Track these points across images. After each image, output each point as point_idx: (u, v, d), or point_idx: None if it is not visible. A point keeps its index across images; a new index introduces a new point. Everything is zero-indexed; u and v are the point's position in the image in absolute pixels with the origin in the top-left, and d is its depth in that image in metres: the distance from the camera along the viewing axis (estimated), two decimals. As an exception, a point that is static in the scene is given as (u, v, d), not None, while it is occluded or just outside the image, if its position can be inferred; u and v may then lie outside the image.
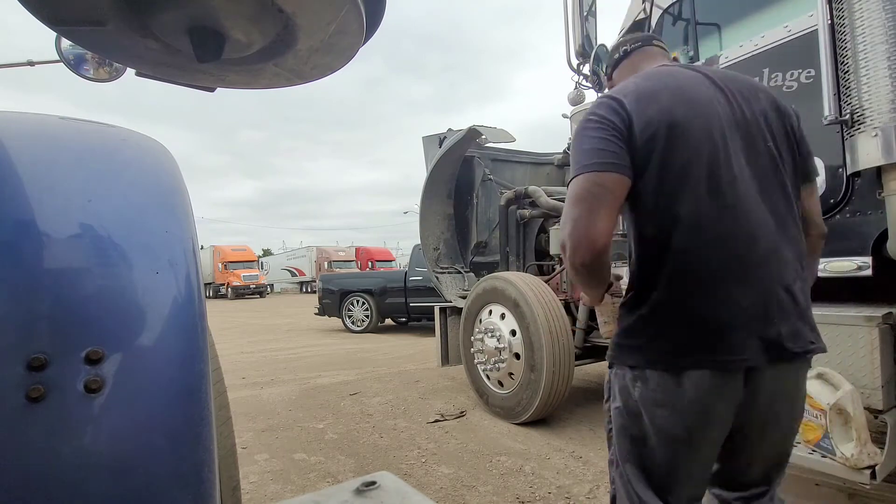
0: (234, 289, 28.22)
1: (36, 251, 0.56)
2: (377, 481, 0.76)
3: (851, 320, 1.85)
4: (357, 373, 5.73)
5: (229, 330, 11.23)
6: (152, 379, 0.59)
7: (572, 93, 2.95)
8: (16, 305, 0.53)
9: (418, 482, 2.67)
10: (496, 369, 3.69)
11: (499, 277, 3.82)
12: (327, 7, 0.84)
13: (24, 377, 0.52)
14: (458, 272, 5.20)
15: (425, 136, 5.33)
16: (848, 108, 1.87)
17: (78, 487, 0.54)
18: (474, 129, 4.37)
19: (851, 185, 2.01)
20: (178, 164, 0.77)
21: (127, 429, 0.57)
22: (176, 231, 0.67)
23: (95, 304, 0.58)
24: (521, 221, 4.52)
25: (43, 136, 0.67)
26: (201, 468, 0.62)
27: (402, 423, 3.71)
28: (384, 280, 9.70)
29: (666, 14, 2.82)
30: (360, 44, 0.97)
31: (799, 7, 2.18)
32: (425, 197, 5.12)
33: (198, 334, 0.64)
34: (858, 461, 1.56)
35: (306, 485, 2.70)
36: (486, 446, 3.17)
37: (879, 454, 1.74)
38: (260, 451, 3.24)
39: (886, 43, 1.71)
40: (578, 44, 2.58)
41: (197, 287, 0.66)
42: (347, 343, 8.39)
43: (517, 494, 2.48)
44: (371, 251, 34.42)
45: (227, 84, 1.11)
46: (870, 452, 1.57)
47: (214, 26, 0.85)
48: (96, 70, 1.80)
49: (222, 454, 0.82)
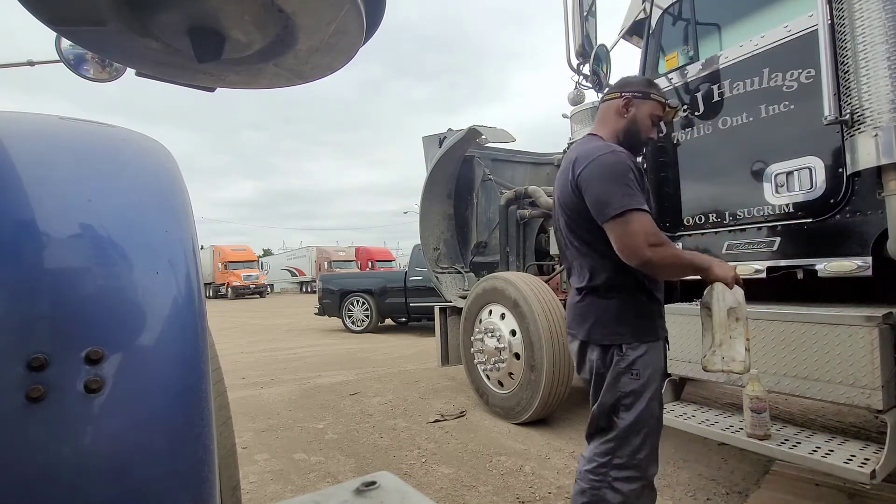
0: (234, 289, 28.22)
1: (36, 251, 0.56)
2: (377, 481, 0.76)
3: (851, 320, 1.85)
4: (357, 373, 5.73)
5: (229, 330, 11.24)
6: (152, 379, 0.59)
7: (572, 93, 2.95)
8: (16, 305, 0.53)
9: (418, 482, 2.67)
10: (496, 369, 3.69)
11: (499, 277, 3.81)
12: (327, 7, 0.84)
13: (24, 377, 0.52)
14: (458, 272, 5.20)
15: (425, 136, 5.32)
16: (848, 108, 1.87)
17: (78, 487, 0.54)
18: (474, 129, 4.37)
19: (851, 185, 2.01)
20: (178, 164, 0.77)
21: (127, 429, 0.57)
22: (176, 231, 0.67)
23: (95, 304, 0.58)
24: (521, 221, 4.52)
25: (43, 136, 0.67)
26: (201, 468, 0.62)
27: (402, 423, 3.71)
28: (384, 280, 9.70)
29: (666, 14, 2.82)
30: (360, 44, 0.97)
31: (799, 7, 2.18)
32: (425, 197, 5.12)
33: (198, 334, 0.64)
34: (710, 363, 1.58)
35: (306, 485, 2.70)
36: (486, 446, 3.17)
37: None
38: (260, 451, 3.24)
39: (886, 43, 1.71)
40: (578, 44, 2.58)
41: (197, 287, 0.66)
42: (347, 343, 8.39)
43: (517, 494, 2.48)
44: (371, 251, 34.43)
45: (227, 84, 1.10)
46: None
47: (214, 26, 0.85)
48: (96, 70, 1.80)
49: (222, 454, 0.82)
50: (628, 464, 1.55)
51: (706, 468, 2.68)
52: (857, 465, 1.75)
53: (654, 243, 1.45)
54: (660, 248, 1.46)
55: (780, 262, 2.21)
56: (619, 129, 1.70)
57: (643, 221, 1.46)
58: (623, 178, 1.50)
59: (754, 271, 2.25)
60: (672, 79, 2.71)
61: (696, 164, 2.64)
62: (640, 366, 1.55)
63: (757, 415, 2.03)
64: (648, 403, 1.56)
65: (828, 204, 2.09)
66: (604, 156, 1.54)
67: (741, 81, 2.37)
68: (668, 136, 2.73)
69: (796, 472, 2.43)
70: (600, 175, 1.52)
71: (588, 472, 1.61)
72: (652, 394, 1.57)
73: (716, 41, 2.66)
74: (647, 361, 1.56)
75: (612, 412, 1.59)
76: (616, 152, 1.55)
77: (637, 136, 1.70)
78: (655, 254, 1.45)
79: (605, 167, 1.52)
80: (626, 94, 1.69)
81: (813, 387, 1.96)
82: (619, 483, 1.55)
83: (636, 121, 1.69)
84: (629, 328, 1.58)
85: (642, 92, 1.69)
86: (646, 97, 1.69)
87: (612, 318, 1.59)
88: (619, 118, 1.70)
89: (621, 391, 1.56)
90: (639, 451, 1.56)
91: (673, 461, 2.77)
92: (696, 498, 2.37)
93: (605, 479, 1.56)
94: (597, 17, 2.71)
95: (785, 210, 2.22)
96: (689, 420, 2.36)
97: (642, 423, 1.55)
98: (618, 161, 1.52)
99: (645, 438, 1.56)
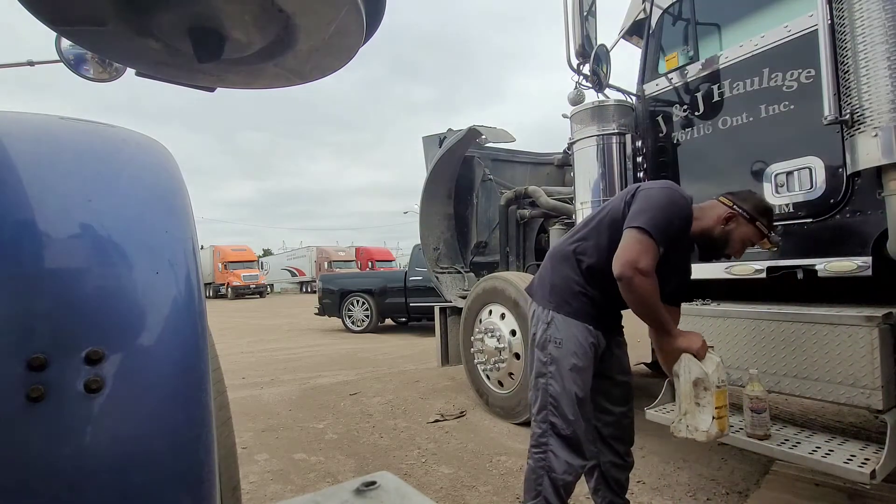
0: (234, 289, 28.21)
1: (36, 251, 0.56)
2: (377, 481, 0.76)
3: (851, 320, 1.85)
4: (357, 373, 5.73)
5: (229, 330, 11.23)
6: (152, 379, 0.59)
7: (572, 93, 2.94)
8: (16, 305, 0.53)
9: (418, 482, 2.67)
10: (496, 369, 3.69)
11: (499, 277, 3.81)
12: (327, 7, 0.84)
13: (24, 377, 0.52)
14: (458, 272, 5.19)
15: (425, 136, 5.32)
16: (848, 108, 1.87)
17: (78, 487, 0.54)
18: (474, 129, 4.37)
19: (851, 185, 2.01)
20: (178, 164, 0.77)
21: (127, 429, 0.57)
22: (176, 231, 0.67)
23: (95, 304, 0.58)
24: (521, 221, 4.52)
25: (43, 136, 0.67)
26: (201, 468, 0.62)
27: (402, 423, 3.71)
28: (384, 280, 9.70)
29: (666, 14, 2.82)
30: (360, 44, 0.97)
31: (799, 7, 2.18)
32: (425, 197, 5.12)
33: (198, 334, 0.64)
34: None
35: (306, 485, 2.70)
36: (486, 446, 3.17)
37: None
38: (260, 451, 3.24)
39: (886, 43, 1.71)
40: (578, 44, 2.57)
41: (197, 287, 0.66)
42: (347, 343, 8.39)
43: (517, 494, 2.48)
44: (371, 251, 34.41)
45: (227, 84, 1.10)
46: None
47: (214, 26, 0.85)
48: (96, 70, 1.79)
49: (222, 454, 0.82)
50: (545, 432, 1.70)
51: (706, 468, 2.68)
52: (857, 465, 1.75)
53: (643, 270, 1.50)
54: (644, 278, 1.50)
55: (780, 262, 2.21)
56: (708, 232, 1.72)
57: (650, 249, 1.52)
58: (669, 216, 1.58)
59: (754, 271, 2.25)
60: (672, 79, 2.71)
61: (696, 164, 2.64)
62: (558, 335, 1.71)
63: (757, 415, 2.03)
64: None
65: (828, 204, 2.09)
66: (675, 193, 1.65)
67: (741, 81, 2.37)
68: (669, 136, 2.73)
69: (796, 472, 2.43)
70: (659, 199, 1.61)
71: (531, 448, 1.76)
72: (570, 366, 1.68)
73: (716, 41, 2.65)
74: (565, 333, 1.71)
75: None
76: (683, 198, 1.64)
77: (720, 250, 1.73)
78: (636, 276, 1.50)
79: (669, 200, 1.61)
80: (735, 210, 1.70)
81: (813, 387, 1.96)
82: (535, 454, 1.73)
83: (729, 238, 1.70)
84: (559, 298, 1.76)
85: (750, 215, 1.69)
86: (751, 222, 1.69)
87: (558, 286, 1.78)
88: (717, 225, 1.71)
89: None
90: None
91: (673, 461, 2.77)
92: (696, 498, 2.37)
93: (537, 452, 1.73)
94: (597, 17, 2.71)
95: (785, 210, 2.22)
96: (689, 420, 2.36)
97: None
98: (681, 207, 1.62)
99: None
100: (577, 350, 1.68)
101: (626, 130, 2.92)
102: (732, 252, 1.72)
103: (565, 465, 1.66)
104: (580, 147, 3.04)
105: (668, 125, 2.75)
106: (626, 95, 2.97)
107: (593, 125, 2.96)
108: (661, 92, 2.80)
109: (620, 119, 2.93)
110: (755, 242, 1.72)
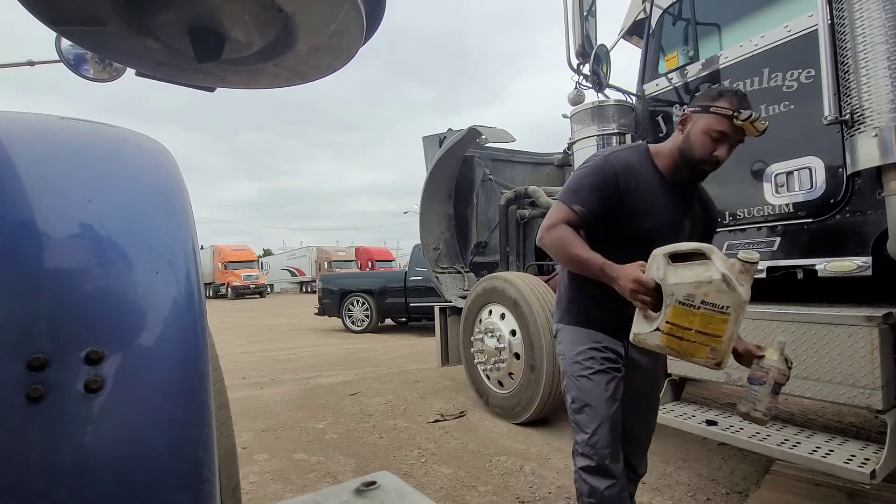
0: (234, 289, 28.21)
1: (36, 251, 0.56)
2: (377, 481, 0.76)
3: (851, 320, 1.85)
4: (357, 373, 5.73)
5: (229, 330, 11.24)
6: (152, 379, 0.59)
7: (572, 93, 2.95)
8: (16, 305, 0.53)
9: (418, 482, 2.67)
10: (496, 369, 3.69)
11: (498, 277, 3.81)
12: (327, 7, 0.84)
13: (24, 377, 0.52)
14: (458, 272, 5.20)
15: (425, 137, 5.32)
16: (848, 108, 1.87)
17: (78, 487, 0.54)
18: (474, 129, 4.37)
19: (851, 185, 2.01)
20: (178, 164, 0.77)
21: (127, 429, 0.57)
22: (176, 231, 0.67)
23: (95, 304, 0.58)
24: (521, 221, 4.52)
25: (43, 136, 0.67)
26: (201, 468, 0.62)
27: (402, 423, 3.71)
28: (384, 280, 9.70)
29: (666, 14, 2.82)
30: (360, 44, 0.97)
31: (799, 7, 2.18)
32: (425, 197, 5.12)
33: (198, 334, 0.64)
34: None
35: (306, 485, 2.70)
36: (486, 446, 3.17)
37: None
38: (260, 451, 3.24)
39: (886, 43, 1.71)
40: (578, 44, 2.58)
41: (197, 287, 0.66)
42: (347, 343, 8.39)
43: (517, 494, 2.48)
44: (371, 251, 34.40)
45: (227, 84, 1.10)
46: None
47: (214, 26, 0.85)
48: (96, 70, 1.79)
49: (222, 454, 0.82)
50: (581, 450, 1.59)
51: (706, 468, 2.68)
52: (857, 465, 1.75)
53: (547, 226, 1.55)
54: (548, 231, 1.55)
55: (781, 262, 2.21)
56: (674, 148, 1.57)
57: (557, 209, 1.57)
58: (578, 176, 1.59)
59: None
60: (672, 79, 2.71)
61: (696, 164, 2.64)
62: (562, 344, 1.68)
63: (750, 385, 1.51)
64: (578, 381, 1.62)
65: (828, 204, 2.09)
66: (593, 157, 1.64)
67: (741, 81, 2.37)
68: (669, 136, 2.73)
69: (796, 472, 2.43)
70: (576, 169, 1.67)
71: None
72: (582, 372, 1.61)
73: (716, 41, 2.66)
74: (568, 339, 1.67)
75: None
76: (602, 157, 1.60)
77: (695, 158, 1.50)
78: (544, 235, 1.56)
79: (584, 165, 1.63)
80: (687, 111, 1.54)
81: (813, 387, 1.96)
82: (579, 470, 1.61)
83: (689, 139, 1.51)
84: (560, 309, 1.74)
85: (702, 105, 1.49)
86: (704, 111, 1.47)
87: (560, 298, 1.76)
88: (678, 137, 1.56)
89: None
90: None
91: (673, 461, 2.78)
92: (696, 498, 2.37)
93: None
94: (597, 17, 2.71)
95: (785, 210, 2.22)
96: (689, 420, 2.36)
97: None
98: (592, 164, 1.60)
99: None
100: (581, 359, 1.59)
101: (626, 130, 2.92)
102: (702, 152, 1.48)
103: (589, 488, 1.54)
104: (580, 147, 3.04)
105: (668, 125, 2.74)
106: (627, 95, 2.98)
107: (593, 125, 2.97)
108: (661, 92, 2.80)
109: (620, 119, 2.93)
110: (722, 130, 1.45)
